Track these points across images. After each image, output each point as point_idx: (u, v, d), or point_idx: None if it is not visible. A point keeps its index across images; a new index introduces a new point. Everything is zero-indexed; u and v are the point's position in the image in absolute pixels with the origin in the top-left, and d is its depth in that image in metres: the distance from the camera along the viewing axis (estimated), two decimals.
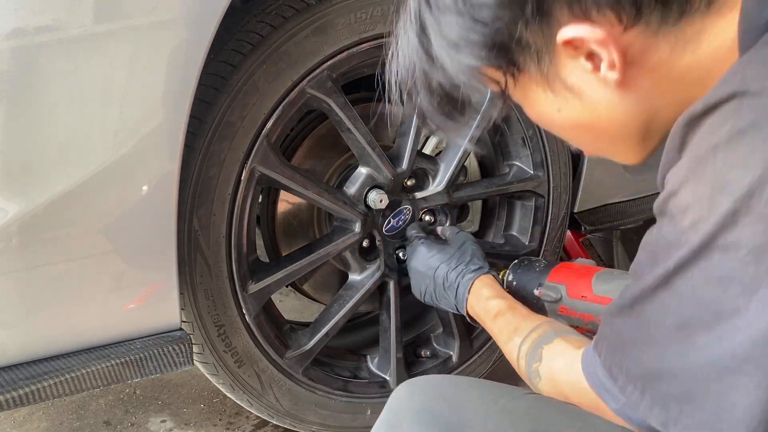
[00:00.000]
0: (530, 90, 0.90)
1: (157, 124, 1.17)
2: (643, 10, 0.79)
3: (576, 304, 1.36)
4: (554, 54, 0.84)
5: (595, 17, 0.80)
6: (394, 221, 1.65)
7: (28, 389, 1.14)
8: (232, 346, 1.47)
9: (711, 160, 0.71)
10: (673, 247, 0.75)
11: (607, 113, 0.88)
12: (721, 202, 0.69)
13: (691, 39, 0.81)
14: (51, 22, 1.04)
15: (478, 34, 0.83)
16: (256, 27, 1.34)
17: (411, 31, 0.90)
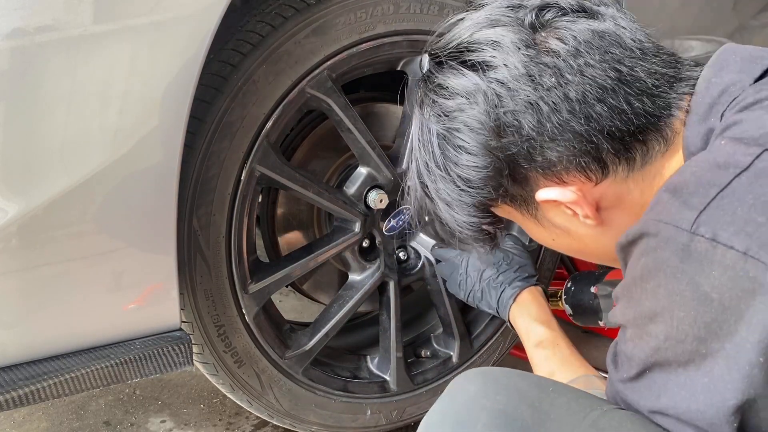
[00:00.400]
0: (525, 223, 1.02)
1: (156, 124, 1.17)
2: (608, 166, 0.90)
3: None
4: (538, 204, 0.96)
5: (567, 178, 0.91)
6: (394, 221, 1.65)
7: (28, 389, 1.13)
8: (232, 346, 1.47)
9: (634, 289, 0.82)
10: (627, 358, 0.85)
11: (593, 244, 1.00)
12: (647, 326, 0.79)
13: (655, 177, 0.92)
14: (51, 22, 1.04)
15: (468, 197, 0.96)
16: (256, 27, 1.34)
17: (417, 185, 1.02)
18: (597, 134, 0.88)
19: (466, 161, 0.93)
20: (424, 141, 0.98)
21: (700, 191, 0.77)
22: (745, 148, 0.77)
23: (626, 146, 0.89)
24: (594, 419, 0.83)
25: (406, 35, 1.49)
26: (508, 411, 0.84)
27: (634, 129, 0.88)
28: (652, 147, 0.90)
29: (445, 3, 1.52)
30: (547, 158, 0.90)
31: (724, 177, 0.76)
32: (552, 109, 0.88)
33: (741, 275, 0.71)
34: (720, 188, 0.75)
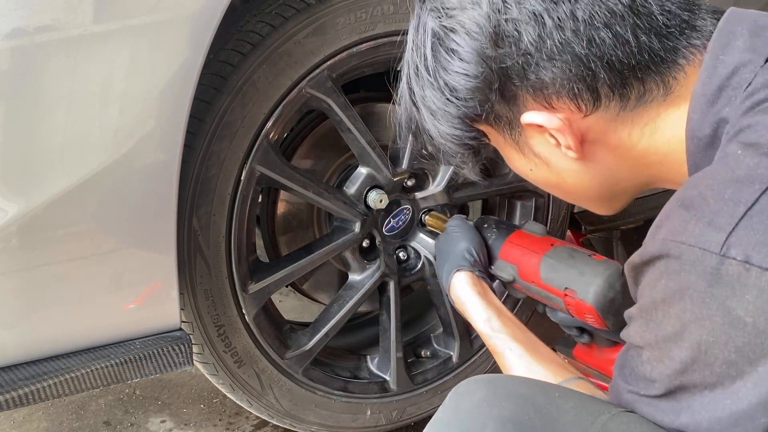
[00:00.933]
0: (506, 149, 1.00)
1: (156, 124, 1.17)
2: (601, 99, 0.87)
3: (529, 287, 1.33)
4: (523, 127, 0.93)
5: (556, 104, 0.88)
6: (394, 221, 1.65)
7: (28, 389, 1.14)
8: (232, 346, 1.47)
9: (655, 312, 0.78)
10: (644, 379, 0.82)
11: (571, 179, 0.97)
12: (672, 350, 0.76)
13: (647, 124, 0.89)
14: (51, 22, 1.04)
15: (454, 108, 0.93)
16: (256, 27, 1.34)
17: (405, 90, 0.99)
18: (596, 61, 0.84)
19: (456, 67, 0.90)
20: (417, 43, 0.95)
21: (726, 210, 0.73)
22: None
23: (623, 81, 0.86)
24: (603, 423, 0.80)
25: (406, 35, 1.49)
26: (516, 418, 0.81)
27: (634, 64, 0.85)
28: (650, 90, 0.87)
29: None
30: (541, 78, 0.87)
31: (749, 194, 0.72)
32: (556, 25, 0.84)
33: None
34: (747, 206, 0.72)
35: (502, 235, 1.39)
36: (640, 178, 0.97)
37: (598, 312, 1.20)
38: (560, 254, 1.29)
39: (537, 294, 1.32)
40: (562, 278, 1.26)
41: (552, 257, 1.29)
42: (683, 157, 0.88)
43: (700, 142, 0.85)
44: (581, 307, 1.21)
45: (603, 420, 0.81)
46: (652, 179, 0.97)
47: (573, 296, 1.22)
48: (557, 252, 1.30)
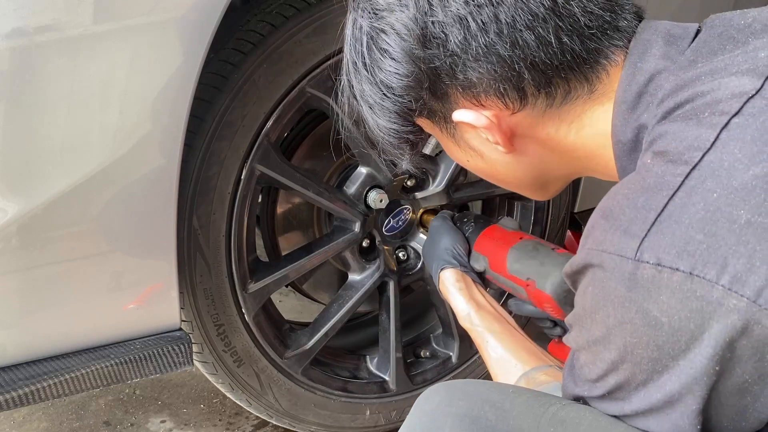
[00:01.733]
0: (443, 141, 1.04)
1: (156, 123, 1.17)
2: (528, 97, 0.91)
3: (498, 277, 1.38)
4: (456, 123, 0.96)
5: (485, 102, 0.92)
6: (394, 221, 1.65)
7: (28, 389, 1.14)
8: (232, 345, 1.47)
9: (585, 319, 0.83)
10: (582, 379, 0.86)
11: (504, 170, 1.02)
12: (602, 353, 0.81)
13: (573, 121, 0.93)
14: (51, 22, 1.04)
15: (390, 103, 0.97)
16: (257, 26, 1.34)
17: (345, 83, 1.02)
18: (520, 62, 0.87)
19: (389, 66, 0.93)
20: (354, 38, 0.97)
21: (639, 217, 0.77)
22: (674, 167, 0.77)
23: (548, 80, 0.89)
24: (554, 412, 0.85)
25: None
26: (472, 414, 0.86)
27: (557, 64, 0.88)
28: (575, 88, 0.90)
29: None
30: (468, 78, 0.90)
31: (659, 201, 0.76)
32: (480, 27, 0.87)
33: (689, 296, 0.72)
34: (657, 212, 0.76)
35: (478, 228, 1.45)
36: (570, 168, 1.02)
37: (555, 301, 1.25)
38: (525, 247, 1.35)
39: (504, 284, 1.38)
40: (525, 269, 1.32)
41: (518, 249, 1.35)
42: (610, 155, 0.93)
43: (624, 147, 0.90)
44: (540, 296, 1.27)
45: (554, 410, 0.85)
46: (582, 169, 1.02)
47: (533, 286, 1.28)
48: (523, 245, 1.36)
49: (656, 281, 0.74)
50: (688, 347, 0.73)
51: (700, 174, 0.75)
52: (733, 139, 0.75)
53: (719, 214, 0.72)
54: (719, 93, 0.79)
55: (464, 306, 1.35)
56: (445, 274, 1.40)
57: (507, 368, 1.22)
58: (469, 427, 0.85)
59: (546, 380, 1.14)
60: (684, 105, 0.82)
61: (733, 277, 0.71)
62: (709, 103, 0.79)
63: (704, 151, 0.76)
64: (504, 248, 1.37)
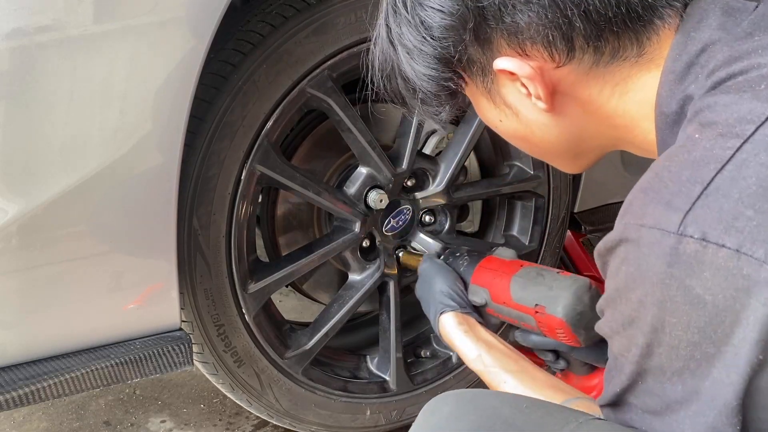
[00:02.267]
0: (478, 98, 0.99)
1: (156, 124, 1.17)
2: (575, 50, 0.86)
3: (501, 309, 1.32)
4: (495, 74, 0.92)
5: (530, 51, 0.87)
6: (394, 221, 1.65)
7: (28, 389, 1.14)
8: (232, 345, 1.47)
9: (619, 300, 0.79)
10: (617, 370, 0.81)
11: (539, 132, 0.97)
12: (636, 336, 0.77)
13: (618, 83, 0.89)
14: (51, 22, 1.04)
15: (429, 47, 0.92)
16: (257, 26, 1.34)
17: (383, 28, 0.97)
18: (573, 8, 0.83)
19: (433, 3, 0.89)
20: None
21: (683, 191, 0.73)
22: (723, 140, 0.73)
23: (599, 33, 0.85)
24: (571, 430, 0.80)
25: None
26: (482, 429, 0.81)
27: (611, 16, 0.84)
28: (624, 47, 0.86)
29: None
30: (516, 22, 0.85)
31: (705, 174, 0.73)
32: None
33: (735, 274, 0.68)
34: (704, 186, 0.72)
35: (474, 261, 1.40)
36: (607, 138, 0.97)
37: (568, 325, 1.20)
38: (529, 273, 1.30)
39: (509, 315, 1.32)
40: (531, 296, 1.26)
41: (521, 277, 1.30)
42: (651, 127, 0.89)
43: (667, 119, 0.86)
44: (552, 321, 1.22)
45: (570, 429, 0.80)
46: (619, 141, 0.97)
47: (543, 312, 1.23)
48: (526, 272, 1.31)
49: (700, 257, 0.70)
50: (732, 331, 0.69)
51: (752, 147, 0.71)
52: None
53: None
54: None
55: (473, 349, 1.27)
56: (445, 318, 1.34)
57: None
58: None
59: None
60: (737, 76, 0.78)
61: None
62: (766, 76, 0.76)
63: (758, 125, 0.72)
64: (506, 277, 1.31)
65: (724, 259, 0.69)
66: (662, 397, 0.76)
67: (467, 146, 1.66)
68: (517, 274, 1.31)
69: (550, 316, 1.21)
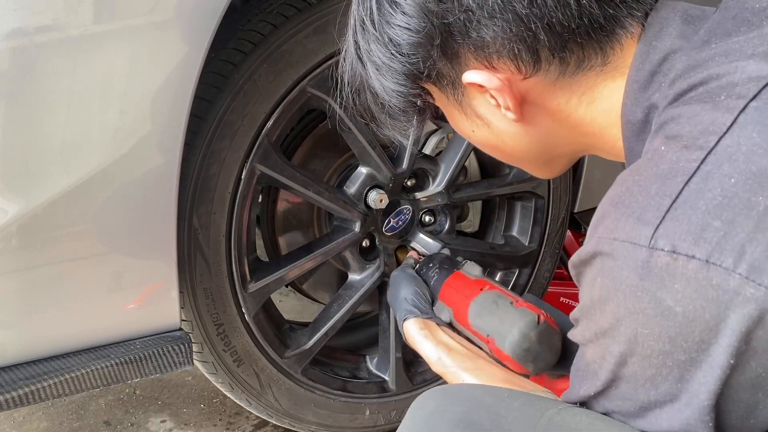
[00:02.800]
0: (450, 110, 1.00)
1: (157, 123, 1.17)
2: (541, 62, 0.88)
3: (463, 330, 1.34)
4: (465, 87, 0.93)
5: (497, 64, 0.89)
6: (394, 221, 1.65)
7: (28, 389, 1.14)
8: (231, 345, 1.47)
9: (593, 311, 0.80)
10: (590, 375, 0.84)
11: (510, 141, 0.99)
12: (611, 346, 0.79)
13: (585, 92, 0.91)
14: (51, 22, 1.04)
15: (398, 64, 0.93)
16: (258, 26, 1.34)
17: (351, 44, 0.99)
18: (537, 22, 0.85)
19: (399, 21, 0.90)
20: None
21: (653, 204, 0.75)
22: (688, 153, 0.75)
23: (563, 44, 0.87)
24: (550, 417, 0.83)
25: None
26: (467, 418, 0.84)
27: (574, 27, 0.85)
28: (589, 57, 0.88)
29: None
30: (482, 36, 0.87)
31: (673, 187, 0.74)
32: None
33: (704, 285, 0.70)
34: (672, 199, 0.73)
35: (442, 276, 1.42)
36: (578, 144, 0.99)
37: (515, 360, 1.22)
38: (486, 300, 1.31)
39: (469, 337, 1.34)
40: (485, 325, 1.28)
41: (479, 303, 1.31)
42: (619, 134, 0.91)
43: (633, 127, 0.88)
44: (501, 354, 1.24)
45: (550, 414, 0.83)
46: (589, 147, 0.99)
47: (493, 344, 1.25)
48: (484, 297, 1.32)
49: (671, 269, 0.72)
50: (702, 339, 0.71)
51: (716, 159, 0.73)
52: (750, 123, 0.73)
53: (737, 200, 0.70)
54: (735, 76, 0.77)
55: (434, 351, 1.30)
56: (407, 324, 1.36)
57: None
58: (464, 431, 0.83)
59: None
60: (697, 87, 0.80)
61: (751, 265, 0.69)
62: (725, 86, 0.77)
63: (720, 136, 0.74)
64: (466, 301, 1.33)
65: (694, 271, 0.71)
66: (635, 401, 0.79)
67: (467, 146, 1.66)
68: (475, 299, 1.32)
69: (498, 349, 1.24)
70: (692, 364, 0.73)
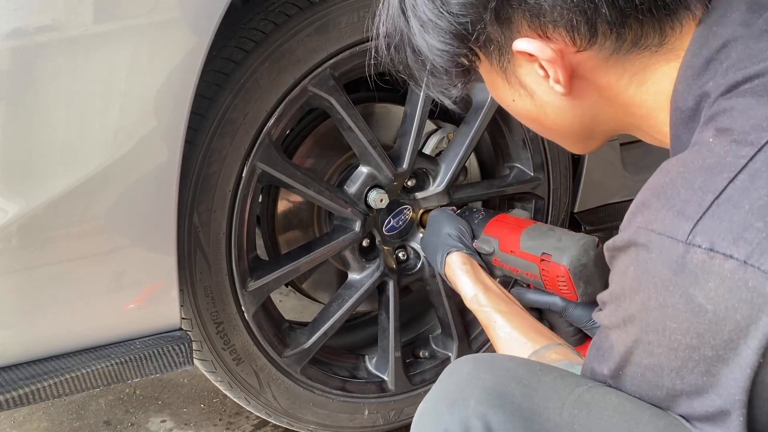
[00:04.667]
0: (491, 76, 0.96)
1: (157, 122, 1.17)
2: (598, 36, 0.85)
3: (507, 258, 1.38)
4: (513, 55, 0.90)
5: (551, 34, 0.85)
6: (394, 221, 1.66)
7: (28, 389, 1.13)
8: (231, 343, 1.47)
9: (623, 298, 0.80)
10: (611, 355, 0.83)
11: (553, 114, 0.95)
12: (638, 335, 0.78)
13: (637, 72, 0.88)
14: (51, 22, 1.04)
15: (446, 22, 0.89)
16: (259, 24, 1.34)
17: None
18: None
19: None
20: None
21: (695, 199, 0.73)
22: (737, 148, 0.73)
23: (623, 20, 0.83)
24: (580, 394, 0.83)
25: None
26: (499, 388, 0.84)
27: (638, 3, 0.82)
28: (647, 35, 0.85)
29: None
30: (540, 4, 0.83)
31: (718, 183, 0.73)
32: None
33: (739, 285, 0.69)
34: (715, 195, 0.72)
35: (489, 216, 1.47)
36: (621, 124, 0.96)
37: (570, 275, 1.25)
38: (540, 228, 1.38)
39: (513, 265, 1.37)
40: (540, 245, 1.32)
41: (533, 230, 1.37)
42: (666, 119, 0.88)
43: (682, 114, 0.85)
44: (556, 270, 1.27)
45: (579, 391, 0.83)
46: (632, 127, 0.97)
47: (549, 260, 1.28)
48: (538, 227, 1.38)
49: (706, 267, 0.71)
50: (731, 339, 0.70)
51: (766, 157, 0.71)
52: None
53: None
54: None
55: (471, 288, 1.34)
56: (451, 257, 1.40)
57: (516, 347, 1.20)
58: (495, 401, 0.82)
59: (557, 359, 1.11)
60: (753, 79, 0.78)
61: None
62: None
63: None
64: (518, 230, 1.38)
65: (730, 271, 0.70)
66: (661, 388, 0.78)
67: (468, 147, 1.66)
68: (529, 227, 1.38)
69: (555, 264, 1.27)
70: (719, 361, 0.72)
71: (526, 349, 1.18)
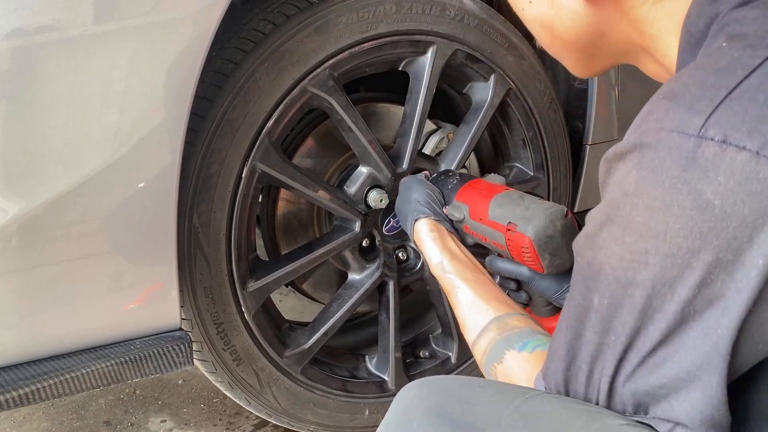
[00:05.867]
0: None
1: (157, 122, 1.17)
2: None
3: (476, 226, 1.35)
4: None
5: None
6: (394, 221, 1.66)
7: (28, 389, 1.13)
8: (231, 344, 1.47)
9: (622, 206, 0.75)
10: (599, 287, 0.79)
11: (568, 20, 0.94)
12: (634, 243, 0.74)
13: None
14: (51, 22, 1.04)
15: None
16: (259, 25, 1.34)
17: None
18: None
19: None
20: None
21: (707, 95, 0.71)
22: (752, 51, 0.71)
23: None
24: (517, 406, 0.84)
25: (408, 35, 1.50)
26: (440, 408, 0.87)
27: None
28: None
29: (446, 4, 1.52)
30: None
31: (732, 79, 0.70)
32: None
33: (750, 177, 0.67)
34: (729, 90, 0.70)
35: (463, 181, 1.42)
36: (630, 44, 0.95)
37: (534, 246, 1.21)
38: (511, 195, 1.33)
39: (482, 233, 1.34)
40: (507, 214, 1.28)
41: (503, 197, 1.33)
42: (675, 44, 0.87)
43: (692, 38, 0.83)
44: (520, 240, 1.23)
45: (517, 403, 0.84)
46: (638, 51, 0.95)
47: (514, 230, 1.24)
48: (508, 193, 1.33)
49: (717, 160, 0.68)
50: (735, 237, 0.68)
51: None
52: None
53: None
54: None
55: (437, 254, 1.31)
56: (419, 224, 1.38)
57: (477, 312, 1.18)
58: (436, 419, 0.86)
59: (518, 326, 1.10)
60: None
61: None
62: None
63: None
64: (488, 196, 1.34)
65: (742, 163, 0.67)
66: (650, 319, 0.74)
67: (467, 147, 1.66)
68: (498, 194, 1.33)
69: (519, 234, 1.23)
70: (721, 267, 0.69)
71: (488, 315, 1.15)
